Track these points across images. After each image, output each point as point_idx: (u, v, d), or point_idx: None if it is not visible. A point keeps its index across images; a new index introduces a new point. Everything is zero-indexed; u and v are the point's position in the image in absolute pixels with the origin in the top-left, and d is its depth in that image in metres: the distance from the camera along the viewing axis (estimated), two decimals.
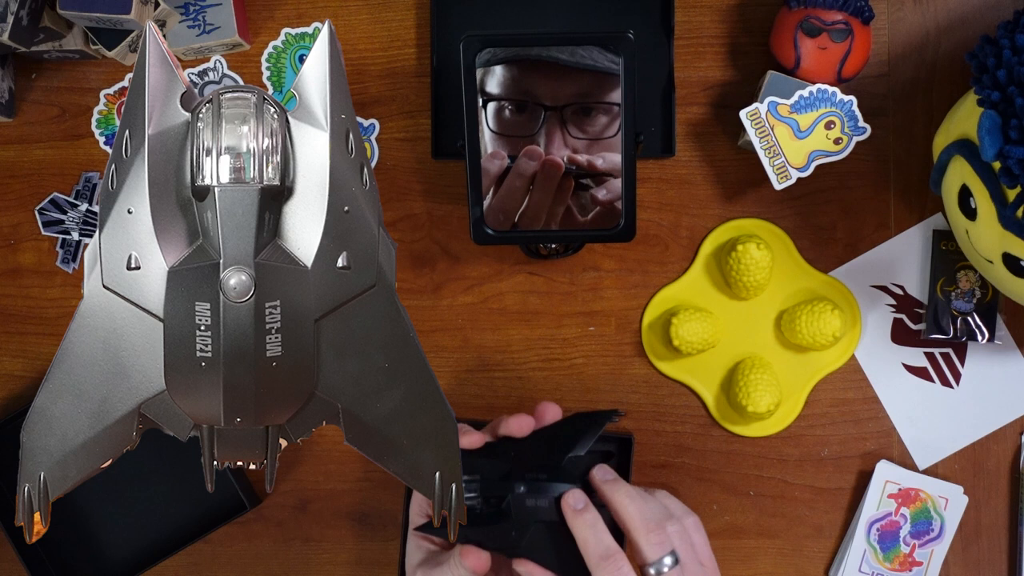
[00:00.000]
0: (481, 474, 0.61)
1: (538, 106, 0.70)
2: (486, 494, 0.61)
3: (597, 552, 0.58)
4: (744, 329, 0.81)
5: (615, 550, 0.59)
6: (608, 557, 0.58)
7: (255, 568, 0.84)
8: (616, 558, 0.58)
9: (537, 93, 0.70)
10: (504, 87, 0.70)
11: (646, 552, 0.59)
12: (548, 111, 0.70)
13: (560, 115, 0.70)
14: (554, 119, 0.70)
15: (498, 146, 0.71)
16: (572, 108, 0.70)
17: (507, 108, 0.71)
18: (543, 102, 0.70)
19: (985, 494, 0.81)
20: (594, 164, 0.70)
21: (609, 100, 0.70)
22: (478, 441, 0.64)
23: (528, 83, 0.70)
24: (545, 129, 0.70)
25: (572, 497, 0.60)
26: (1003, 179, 0.62)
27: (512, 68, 0.70)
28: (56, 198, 0.81)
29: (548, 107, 0.70)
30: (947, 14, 0.79)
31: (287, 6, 0.81)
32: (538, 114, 0.70)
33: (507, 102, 0.70)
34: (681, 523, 0.61)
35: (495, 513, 0.61)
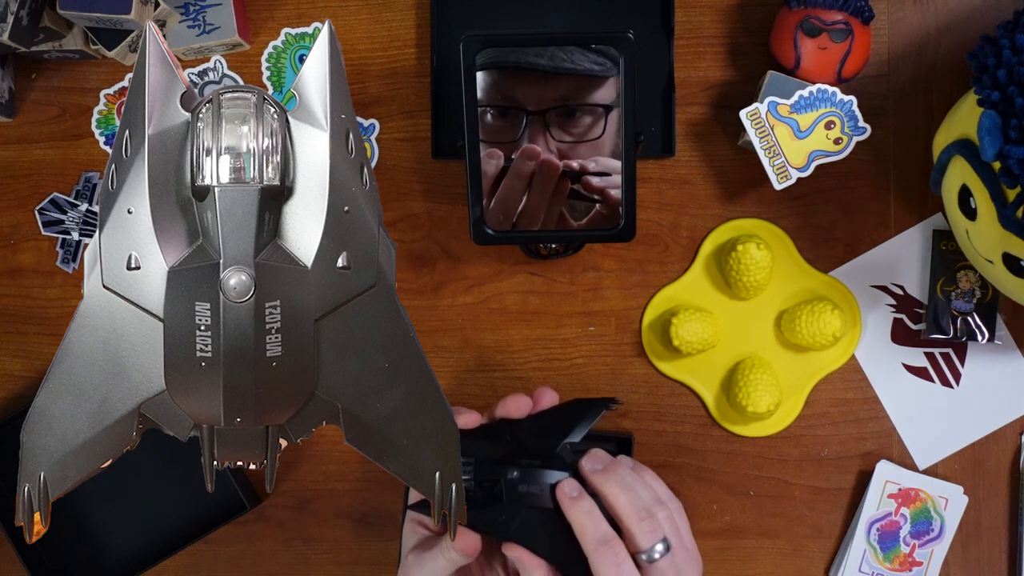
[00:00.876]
0: (476, 457, 0.62)
1: (520, 111, 0.71)
2: (479, 477, 0.62)
3: (595, 538, 0.59)
4: (744, 329, 0.81)
5: (612, 536, 0.59)
6: (606, 543, 0.59)
7: (255, 568, 0.84)
8: (613, 544, 0.59)
9: (519, 98, 0.71)
10: (486, 93, 0.70)
11: (639, 540, 0.59)
12: (530, 116, 0.71)
13: (543, 119, 0.71)
14: (536, 123, 0.71)
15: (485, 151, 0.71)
16: (555, 111, 0.70)
17: (489, 113, 0.71)
18: (525, 107, 0.71)
19: (985, 494, 0.81)
20: (586, 167, 0.71)
21: (591, 102, 0.70)
22: (474, 421, 0.65)
23: (509, 88, 0.70)
24: (528, 133, 0.71)
25: (567, 486, 0.61)
26: (1003, 179, 0.62)
27: (493, 74, 0.70)
28: (56, 198, 0.81)
29: (530, 112, 0.71)
30: (947, 14, 0.79)
31: (287, 6, 0.81)
32: (520, 119, 0.71)
33: (489, 108, 0.70)
34: (669, 509, 0.62)
35: (487, 496, 0.61)
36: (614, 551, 0.59)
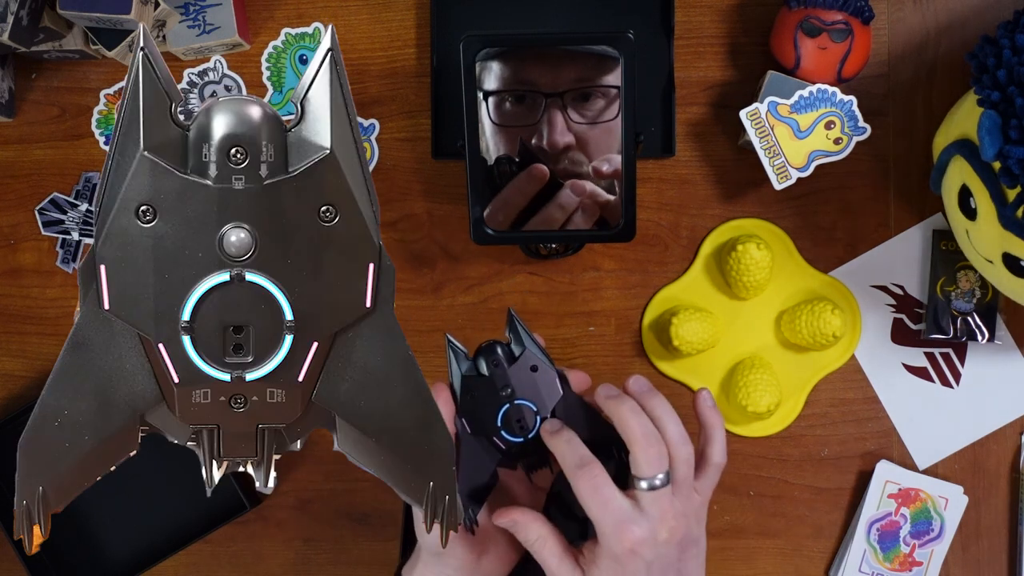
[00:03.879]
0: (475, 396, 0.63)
1: (538, 94, 0.71)
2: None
3: (573, 462, 0.60)
4: (744, 329, 0.81)
5: (590, 459, 0.60)
6: (583, 465, 0.59)
7: (255, 568, 0.84)
8: (591, 466, 0.59)
9: (536, 81, 0.71)
10: (502, 80, 0.70)
11: (642, 465, 0.59)
12: (548, 98, 0.71)
13: (560, 101, 0.71)
14: (554, 105, 0.71)
15: (500, 140, 0.71)
16: (571, 94, 0.70)
17: (507, 100, 0.71)
18: (542, 90, 0.71)
19: (985, 494, 0.81)
20: (600, 171, 0.71)
21: (606, 83, 0.70)
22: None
23: (525, 73, 0.70)
24: (547, 116, 0.71)
25: (549, 424, 0.62)
26: (1003, 179, 0.62)
27: (509, 60, 0.70)
28: (56, 198, 0.81)
29: (548, 94, 0.71)
30: (947, 14, 0.79)
31: (287, 6, 0.81)
32: (539, 102, 0.71)
33: (507, 94, 0.71)
34: (689, 450, 0.61)
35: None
36: (591, 473, 0.59)
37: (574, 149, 0.71)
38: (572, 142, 0.71)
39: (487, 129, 0.71)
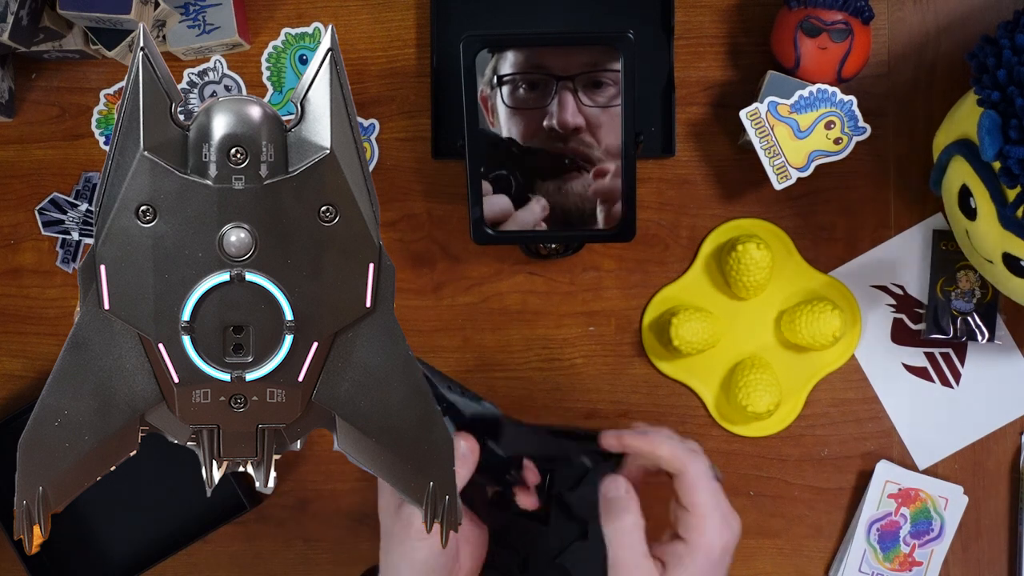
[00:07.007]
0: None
1: (549, 77, 0.71)
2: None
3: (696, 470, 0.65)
4: (744, 329, 0.81)
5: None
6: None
7: (255, 568, 0.84)
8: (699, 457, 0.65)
9: (547, 64, 0.71)
10: (515, 65, 0.71)
11: (699, 463, 0.64)
12: (560, 81, 0.71)
13: (571, 84, 0.71)
14: (566, 88, 0.71)
15: (513, 125, 0.72)
16: (583, 78, 0.71)
17: (520, 85, 0.71)
18: (554, 73, 0.71)
19: (985, 494, 0.81)
20: (606, 170, 0.72)
21: (617, 68, 0.70)
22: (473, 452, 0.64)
23: (538, 57, 0.71)
24: (558, 99, 0.71)
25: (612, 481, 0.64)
26: (1003, 179, 0.62)
27: (521, 48, 0.71)
28: (56, 198, 0.81)
29: (560, 77, 0.71)
30: (947, 14, 0.79)
31: (287, 6, 0.81)
32: (550, 85, 0.71)
33: (520, 79, 0.71)
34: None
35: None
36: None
37: (584, 131, 0.72)
38: (582, 124, 0.72)
39: (501, 113, 0.71)
